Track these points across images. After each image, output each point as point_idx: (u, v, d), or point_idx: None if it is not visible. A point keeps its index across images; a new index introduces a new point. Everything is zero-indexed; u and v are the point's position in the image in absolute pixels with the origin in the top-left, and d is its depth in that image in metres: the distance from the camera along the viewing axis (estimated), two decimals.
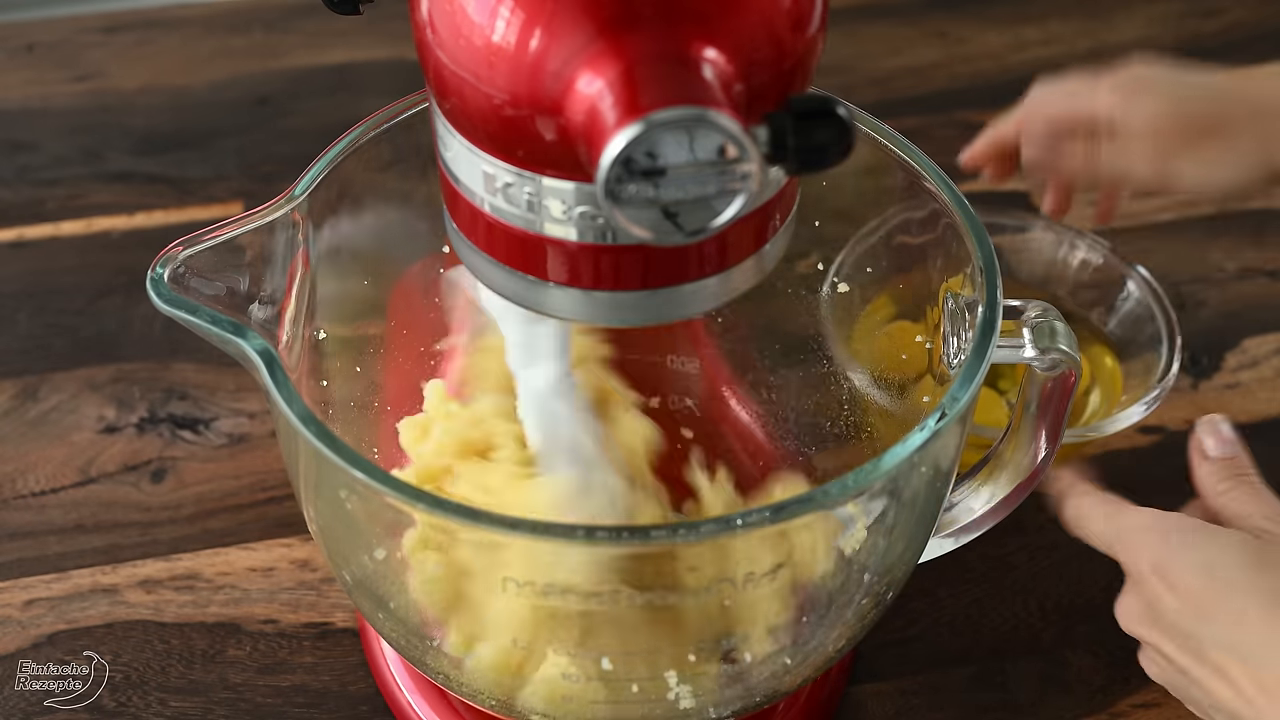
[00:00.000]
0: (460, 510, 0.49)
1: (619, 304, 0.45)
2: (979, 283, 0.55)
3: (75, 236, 0.90)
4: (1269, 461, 0.63)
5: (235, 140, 0.96)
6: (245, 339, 0.52)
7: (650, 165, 0.38)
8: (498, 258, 0.46)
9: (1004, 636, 0.70)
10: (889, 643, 0.70)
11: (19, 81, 1.01)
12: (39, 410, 0.79)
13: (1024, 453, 0.60)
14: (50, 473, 0.76)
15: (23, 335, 0.84)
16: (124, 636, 0.69)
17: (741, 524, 0.48)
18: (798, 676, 0.58)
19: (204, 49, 1.04)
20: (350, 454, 0.49)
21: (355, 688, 0.68)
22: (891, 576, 0.58)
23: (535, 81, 0.40)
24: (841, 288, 0.68)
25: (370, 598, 0.58)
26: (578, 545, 0.50)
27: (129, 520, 0.74)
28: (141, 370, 0.81)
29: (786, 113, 0.39)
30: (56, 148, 0.96)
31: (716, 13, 0.40)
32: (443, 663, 0.57)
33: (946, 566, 0.70)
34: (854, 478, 0.49)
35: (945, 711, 0.67)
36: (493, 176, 0.44)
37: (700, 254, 0.44)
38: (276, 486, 0.76)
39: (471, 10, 0.41)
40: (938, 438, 0.51)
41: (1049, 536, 0.74)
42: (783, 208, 0.46)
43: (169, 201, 0.92)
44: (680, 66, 0.39)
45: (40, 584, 0.71)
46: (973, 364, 0.52)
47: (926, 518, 0.57)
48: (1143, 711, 0.67)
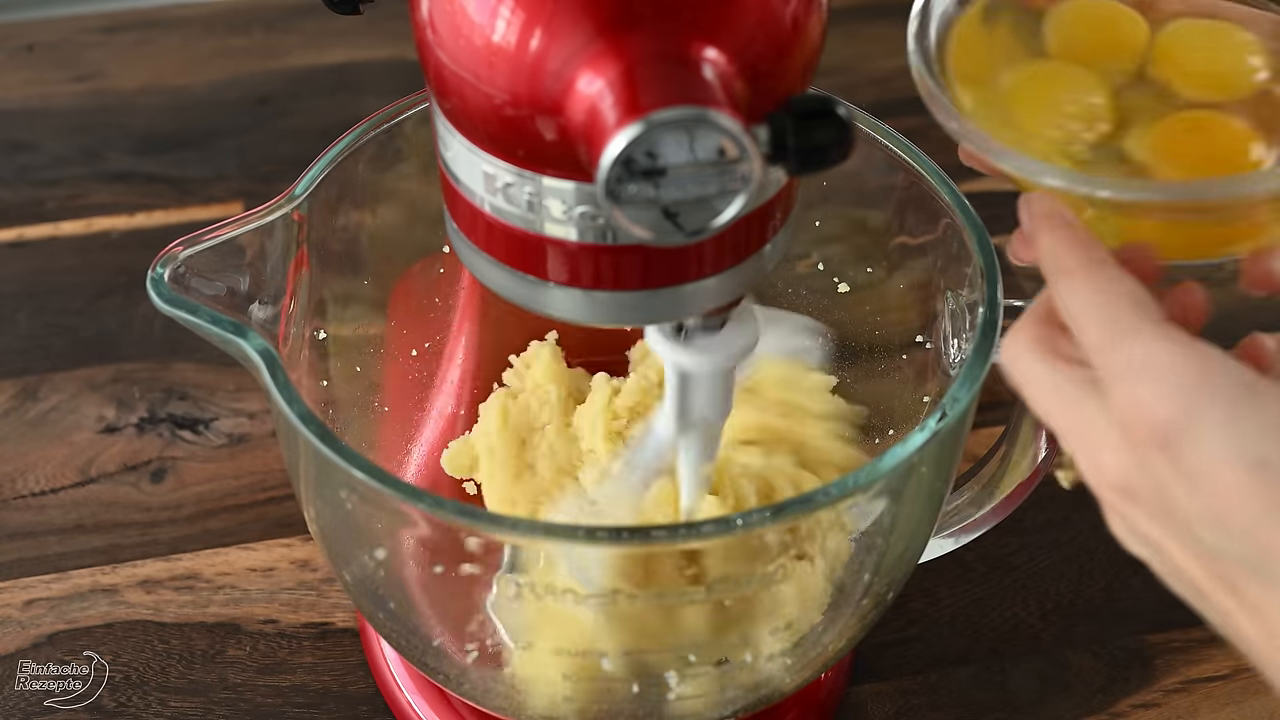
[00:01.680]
0: (460, 510, 0.49)
1: (619, 304, 0.45)
2: (979, 283, 0.55)
3: (75, 236, 0.90)
4: None
5: (235, 140, 0.96)
6: (245, 339, 0.52)
7: (650, 165, 0.38)
8: (498, 258, 0.46)
9: (1004, 636, 0.70)
10: (889, 643, 0.70)
11: (19, 81, 1.01)
12: (39, 410, 0.79)
13: (1024, 453, 0.60)
14: (50, 473, 0.76)
15: (23, 335, 0.84)
16: (124, 636, 0.69)
17: (741, 524, 0.48)
18: (798, 676, 0.58)
19: (204, 49, 1.04)
20: (350, 454, 0.49)
21: (355, 688, 0.68)
22: (891, 576, 0.58)
23: (535, 81, 0.40)
24: (843, 289, 0.68)
25: (370, 598, 0.58)
26: (578, 545, 0.50)
27: (129, 520, 0.74)
28: (141, 370, 0.81)
29: (786, 113, 0.39)
30: (56, 148, 0.96)
31: (716, 13, 0.40)
32: (443, 663, 0.57)
33: (946, 566, 0.71)
34: (854, 478, 0.49)
35: (945, 711, 0.67)
36: (493, 176, 0.44)
37: (701, 254, 0.44)
38: (276, 486, 0.76)
39: (471, 10, 0.41)
40: (938, 438, 0.51)
41: (1049, 536, 0.74)
42: (783, 207, 0.46)
43: (169, 201, 0.92)
44: (680, 66, 0.39)
45: (40, 584, 0.71)
46: (973, 364, 0.52)
47: (926, 518, 0.57)
48: (1143, 711, 0.67)
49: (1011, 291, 0.71)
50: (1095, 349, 0.41)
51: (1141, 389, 0.39)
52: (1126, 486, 0.40)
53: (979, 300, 0.54)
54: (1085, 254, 0.43)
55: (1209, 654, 0.69)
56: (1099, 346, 0.41)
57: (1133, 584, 0.72)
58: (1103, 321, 0.41)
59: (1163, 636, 0.70)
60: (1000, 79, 0.50)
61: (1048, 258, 0.44)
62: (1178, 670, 0.69)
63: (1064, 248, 0.43)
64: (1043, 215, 0.45)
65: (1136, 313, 0.40)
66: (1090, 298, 0.42)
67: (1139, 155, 0.48)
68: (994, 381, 0.50)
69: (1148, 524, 0.40)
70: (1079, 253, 0.43)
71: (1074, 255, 0.43)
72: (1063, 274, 0.43)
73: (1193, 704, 0.68)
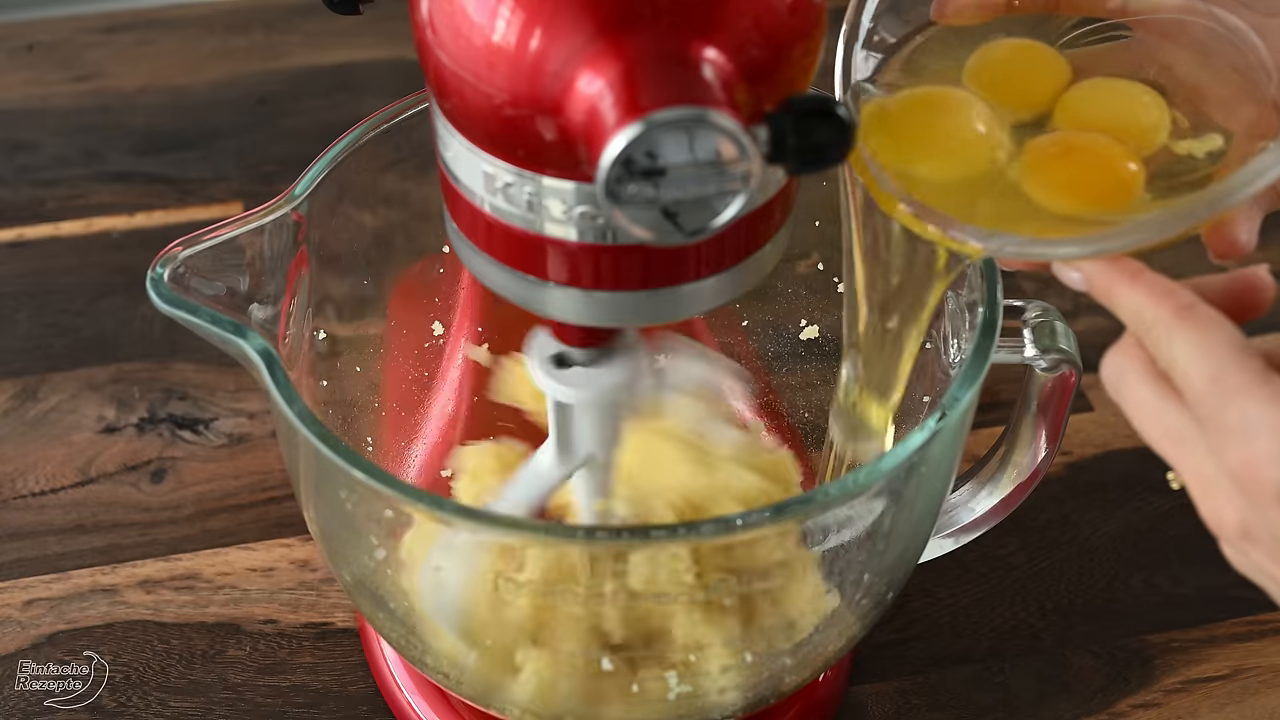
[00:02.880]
0: (460, 510, 0.49)
1: (619, 304, 0.45)
2: (979, 283, 0.55)
3: (75, 236, 0.90)
4: None
5: (235, 140, 0.96)
6: (245, 339, 0.52)
7: (650, 165, 0.38)
8: (498, 258, 0.46)
9: (1004, 636, 0.70)
10: (889, 643, 0.70)
11: (19, 81, 1.01)
12: (39, 410, 0.79)
13: (1024, 453, 0.60)
14: (50, 473, 0.76)
15: (23, 335, 0.84)
16: (124, 636, 0.69)
17: (741, 524, 0.48)
18: (798, 676, 0.58)
19: (204, 49, 1.04)
20: (350, 454, 0.49)
21: (355, 688, 0.68)
22: (891, 576, 0.58)
23: (535, 81, 0.40)
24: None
25: (370, 598, 0.58)
26: (578, 545, 0.50)
27: (129, 520, 0.74)
28: (141, 370, 0.81)
29: (786, 113, 0.39)
30: (56, 148, 0.96)
31: (716, 13, 0.40)
32: (442, 663, 0.57)
33: (946, 566, 0.71)
34: (854, 478, 0.49)
35: (945, 711, 0.67)
36: (493, 176, 0.44)
37: (700, 254, 0.44)
38: (276, 486, 0.76)
39: (471, 10, 0.41)
40: (938, 438, 0.51)
41: (1049, 536, 0.74)
42: (783, 208, 0.46)
43: (169, 201, 0.92)
44: (680, 66, 0.39)
45: (40, 584, 0.71)
46: (973, 364, 0.52)
47: (926, 518, 0.57)
48: (1142, 711, 0.67)
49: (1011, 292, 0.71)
50: (1202, 402, 0.42)
51: (1256, 448, 0.40)
52: (1245, 532, 0.42)
53: (979, 300, 0.54)
54: (1174, 302, 0.43)
55: (1209, 654, 0.69)
56: (1206, 401, 0.42)
57: (1133, 584, 0.72)
58: (1208, 376, 0.41)
59: (1163, 636, 0.70)
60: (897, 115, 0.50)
61: (1132, 315, 0.44)
62: (1178, 670, 0.69)
63: (1149, 301, 0.43)
64: (1115, 272, 0.45)
65: (1241, 365, 0.41)
66: (1191, 351, 0.42)
67: (1017, 180, 0.48)
68: (994, 381, 0.50)
69: (1267, 562, 0.42)
70: (1168, 301, 0.43)
71: (1164, 306, 0.43)
72: (1158, 326, 0.43)
73: (1193, 704, 0.68)
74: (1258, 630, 0.70)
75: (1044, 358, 0.56)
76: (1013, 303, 0.55)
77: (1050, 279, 0.82)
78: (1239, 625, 0.70)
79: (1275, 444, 0.40)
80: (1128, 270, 0.44)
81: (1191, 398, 0.42)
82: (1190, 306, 0.43)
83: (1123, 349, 0.45)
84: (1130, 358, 0.44)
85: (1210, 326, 0.42)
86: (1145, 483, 0.76)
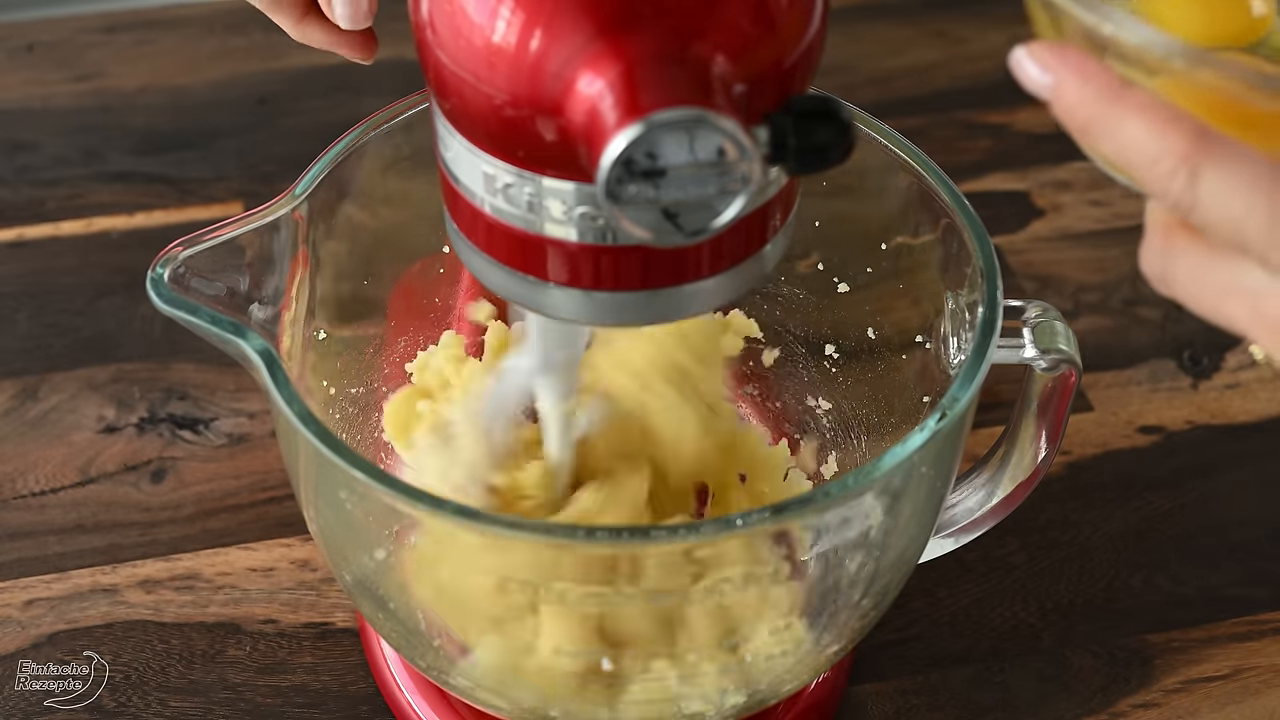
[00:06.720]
0: (460, 511, 0.49)
1: (619, 304, 0.45)
2: (979, 283, 0.55)
3: (75, 236, 0.90)
4: (1270, 461, 0.63)
5: (235, 140, 0.96)
6: (245, 339, 0.52)
7: (650, 166, 0.38)
8: (498, 258, 0.46)
9: (1004, 636, 0.70)
10: (889, 643, 0.70)
11: (19, 81, 1.01)
12: (39, 410, 0.79)
13: (1024, 453, 0.60)
14: (50, 473, 0.76)
15: (23, 335, 0.84)
16: (124, 636, 0.69)
17: (741, 524, 0.48)
18: (798, 677, 0.58)
19: (204, 49, 1.04)
20: (350, 454, 0.49)
21: (355, 688, 0.68)
22: (891, 576, 0.58)
23: (535, 82, 0.40)
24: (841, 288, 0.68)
25: (370, 598, 0.58)
26: (578, 545, 0.50)
27: (129, 520, 0.74)
28: (141, 370, 0.81)
29: (786, 113, 0.39)
30: (56, 148, 0.96)
31: (716, 13, 0.40)
32: (442, 662, 0.57)
33: (946, 566, 0.71)
34: (854, 478, 0.49)
35: (945, 711, 0.67)
36: (493, 177, 0.44)
37: (701, 255, 0.44)
38: (276, 486, 0.76)
39: (471, 10, 0.41)
40: (938, 438, 0.51)
41: (1049, 536, 0.74)
42: (783, 208, 0.46)
43: (169, 201, 0.92)
44: (680, 67, 0.39)
45: (40, 584, 0.71)
46: (973, 364, 0.52)
47: (926, 518, 0.57)
48: (1142, 711, 0.67)
49: (1011, 292, 0.71)
50: (1267, 240, 0.36)
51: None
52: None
53: (979, 300, 0.54)
54: (1184, 129, 0.37)
55: (1209, 654, 0.69)
56: (1272, 236, 0.36)
57: (1133, 584, 0.72)
58: (1266, 211, 0.36)
59: (1163, 636, 0.70)
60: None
61: (1131, 148, 0.38)
62: (1178, 670, 0.69)
63: (1151, 130, 0.37)
64: (1103, 87, 0.37)
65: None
66: (1229, 188, 0.37)
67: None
68: (994, 381, 0.50)
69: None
70: (1176, 131, 0.37)
71: (1174, 136, 0.37)
72: (1171, 161, 0.37)
73: (1193, 704, 0.68)
74: (1258, 630, 0.70)
75: (1044, 358, 0.56)
76: (1013, 303, 0.55)
77: (1050, 279, 0.83)
78: (1239, 625, 0.70)
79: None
80: (1114, 87, 0.37)
81: (1249, 239, 0.36)
82: (1205, 134, 0.37)
83: (1153, 233, 0.39)
84: (1165, 238, 0.39)
85: (1239, 156, 0.36)
86: (1145, 483, 0.76)
